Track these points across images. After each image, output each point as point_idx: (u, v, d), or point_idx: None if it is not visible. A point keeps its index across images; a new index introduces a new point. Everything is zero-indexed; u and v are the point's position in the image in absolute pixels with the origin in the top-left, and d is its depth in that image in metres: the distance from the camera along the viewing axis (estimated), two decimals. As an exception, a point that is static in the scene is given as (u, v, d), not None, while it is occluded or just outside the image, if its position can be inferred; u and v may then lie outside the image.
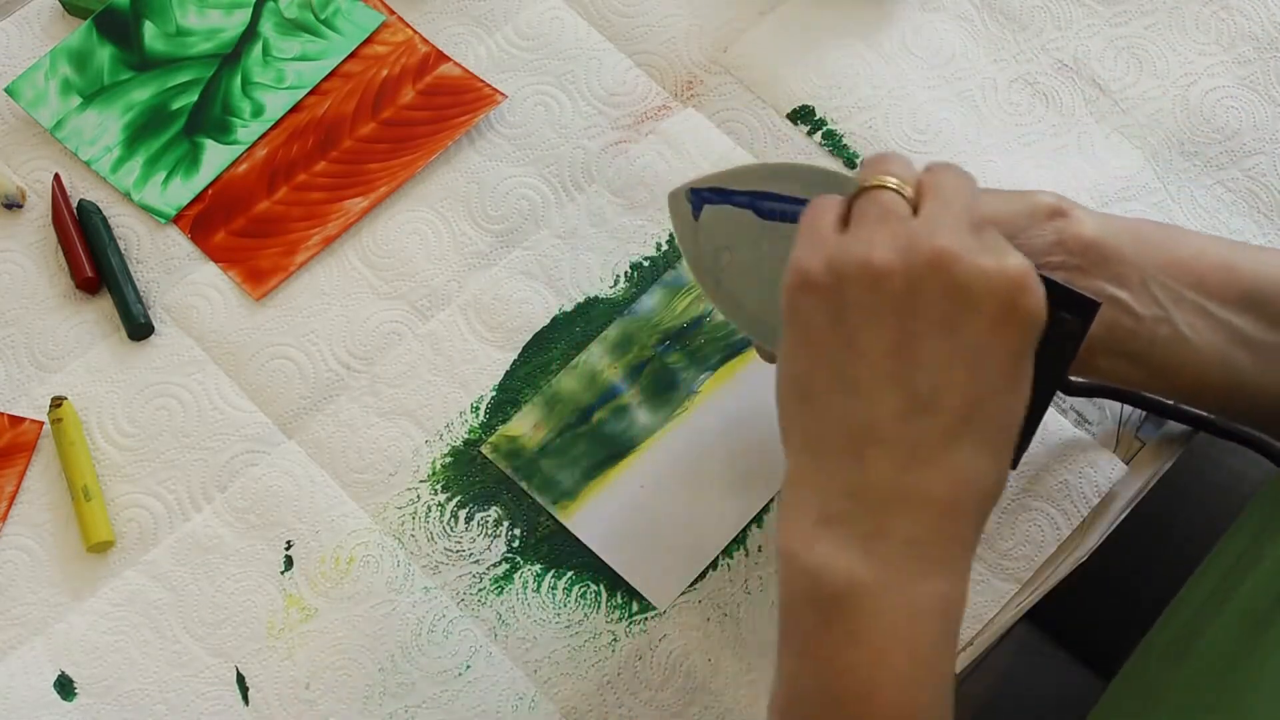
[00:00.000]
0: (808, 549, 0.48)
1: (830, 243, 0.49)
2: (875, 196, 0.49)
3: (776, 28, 0.78)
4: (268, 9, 0.78)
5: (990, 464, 0.48)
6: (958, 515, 0.48)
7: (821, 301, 0.48)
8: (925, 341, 0.47)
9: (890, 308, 0.47)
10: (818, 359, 0.49)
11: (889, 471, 0.47)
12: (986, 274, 0.46)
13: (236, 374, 0.70)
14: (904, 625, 0.47)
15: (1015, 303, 0.47)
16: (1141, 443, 0.68)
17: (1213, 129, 0.75)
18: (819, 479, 0.49)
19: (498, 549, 0.66)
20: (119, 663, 0.63)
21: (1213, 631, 0.48)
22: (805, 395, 0.49)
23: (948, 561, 0.48)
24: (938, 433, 0.47)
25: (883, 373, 0.47)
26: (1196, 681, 0.47)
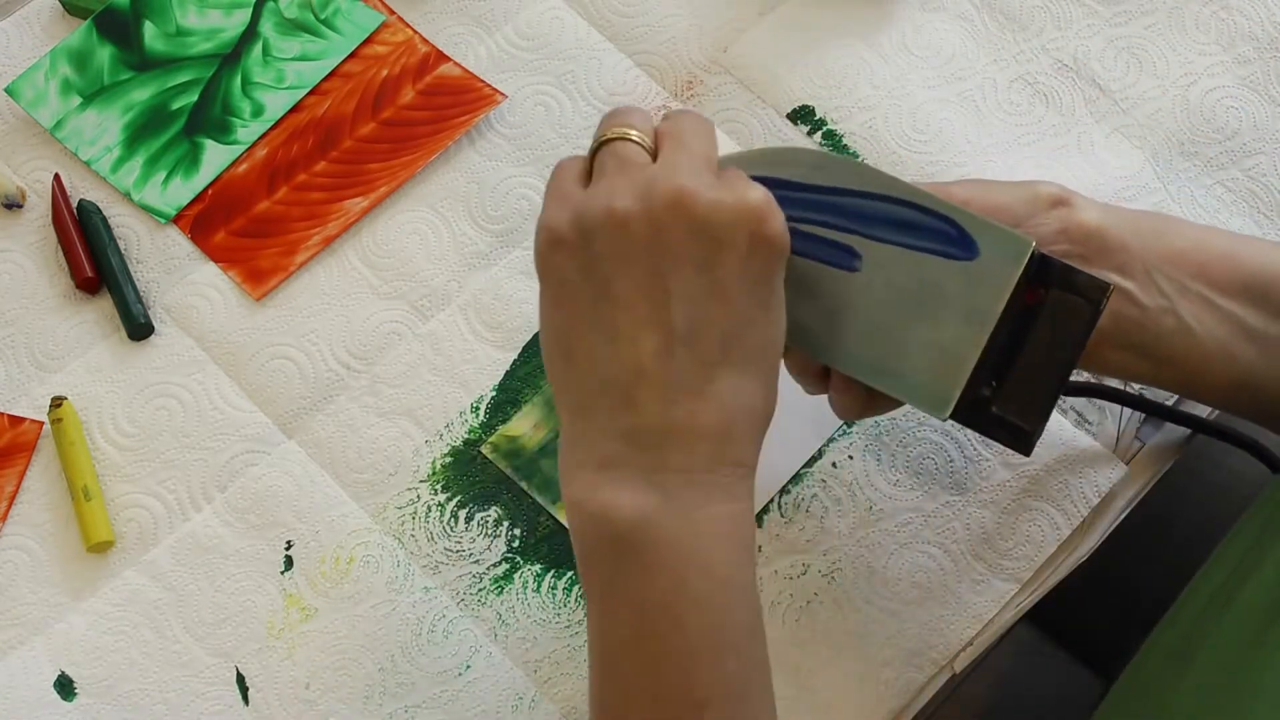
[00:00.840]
0: (591, 494, 0.49)
1: (574, 198, 0.50)
2: (614, 148, 0.51)
3: (776, 28, 0.78)
4: (268, 9, 0.78)
5: (755, 387, 0.50)
6: (730, 440, 0.49)
7: (571, 256, 0.49)
8: (676, 279, 0.48)
9: (638, 252, 0.48)
10: (575, 313, 0.50)
11: (658, 408, 0.49)
12: (726, 207, 0.48)
13: (236, 374, 0.70)
14: (695, 548, 0.48)
15: (758, 232, 0.48)
16: (1142, 443, 0.68)
17: (1213, 129, 0.75)
18: (593, 428, 0.50)
19: (498, 549, 0.66)
20: (119, 663, 0.63)
21: (1216, 635, 0.48)
22: (568, 350, 0.50)
23: (727, 484, 0.49)
24: (700, 365, 0.49)
25: (639, 316, 0.48)
26: (1201, 686, 0.47)
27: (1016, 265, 0.52)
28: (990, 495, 0.66)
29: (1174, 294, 0.56)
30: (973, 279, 0.52)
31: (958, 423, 0.54)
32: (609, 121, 0.52)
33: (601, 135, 0.52)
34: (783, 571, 0.65)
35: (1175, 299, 0.56)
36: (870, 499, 0.66)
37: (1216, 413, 0.68)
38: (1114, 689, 0.54)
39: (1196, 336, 0.56)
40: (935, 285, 0.52)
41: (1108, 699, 0.54)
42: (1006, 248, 0.52)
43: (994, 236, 0.52)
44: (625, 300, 0.49)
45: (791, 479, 0.66)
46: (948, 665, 0.63)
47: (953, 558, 0.65)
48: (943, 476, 0.67)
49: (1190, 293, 0.56)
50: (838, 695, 0.62)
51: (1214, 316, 0.56)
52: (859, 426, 0.67)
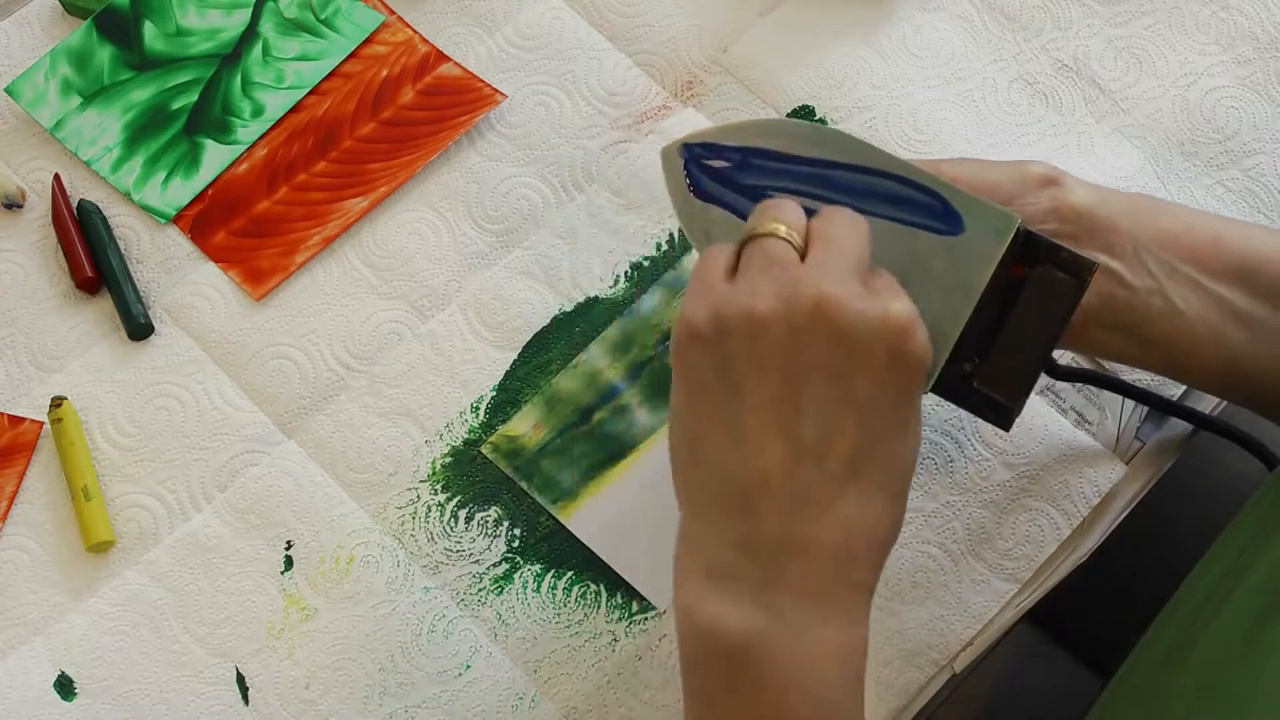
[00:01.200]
0: (700, 605, 0.48)
1: (716, 292, 0.49)
2: (762, 245, 0.49)
3: (776, 28, 0.78)
4: (268, 9, 0.78)
5: (883, 508, 0.48)
6: (851, 561, 0.48)
7: (707, 353, 0.48)
8: (810, 389, 0.47)
9: (774, 357, 0.47)
10: (705, 411, 0.49)
11: (778, 521, 0.47)
12: (869, 320, 0.47)
13: (236, 374, 0.70)
14: (802, 673, 0.47)
15: (900, 349, 0.47)
16: (1142, 443, 0.68)
17: (1213, 129, 0.75)
18: (709, 532, 0.49)
19: (498, 549, 0.66)
20: (119, 663, 0.63)
21: (1210, 636, 0.48)
22: (694, 447, 0.49)
23: (843, 607, 0.48)
24: (826, 480, 0.47)
25: (769, 422, 0.47)
26: (1195, 685, 0.47)
27: (1002, 241, 0.52)
28: (990, 495, 0.66)
29: (1163, 275, 0.56)
30: (958, 254, 0.52)
31: (939, 396, 0.54)
32: (761, 215, 0.51)
33: (752, 229, 0.50)
34: (783, 571, 0.65)
35: (1164, 280, 0.56)
36: (870, 499, 0.66)
37: (1219, 408, 0.68)
38: (1109, 687, 0.54)
39: (1185, 318, 0.56)
40: (921, 259, 0.52)
41: (1103, 697, 0.54)
42: (992, 223, 0.52)
43: (980, 212, 0.52)
44: (756, 405, 0.47)
45: (791, 479, 0.66)
46: (948, 665, 0.63)
47: (953, 558, 0.65)
48: (943, 476, 0.67)
49: (1179, 274, 0.56)
50: (838, 695, 0.62)
51: (1203, 298, 0.56)
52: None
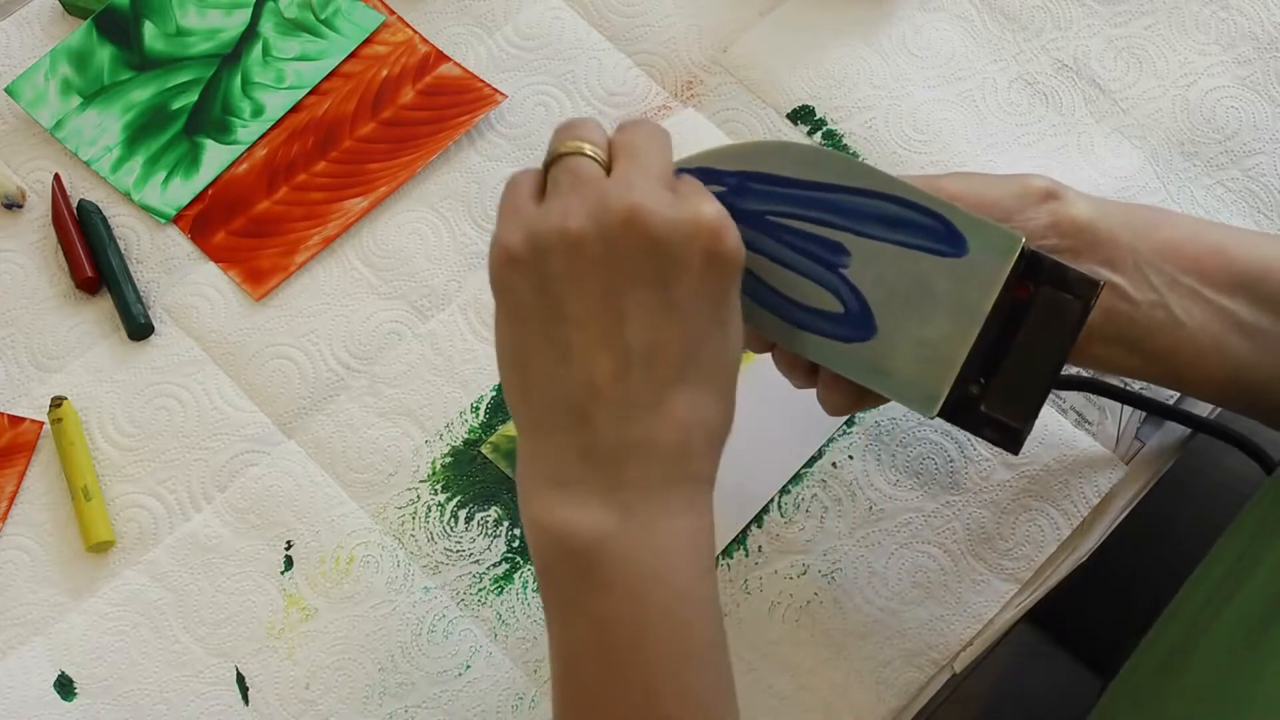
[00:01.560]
0: (549, 513, 0.49)
1: (528, 215, 0.49)
2: (567, 163, 0.50)
3: (776, 28, 0.78)
4: (268, 9, 0.78)
5: (713, 402, 0.50)
6: (688, 455, 0.49)
7: (525, 275, 0.49)
8: (631, 299, 0.48)
9: (592, 271, 0.48)
10: (530, 332, 0.49)
11: (614, 427, 0.48)
12: (680, 225, 0.48)
13: (236, 374, 0.70)
14: (655, 564, 0.48)
15: (713, 249, 0.48)
16: (1142, 443, 0.68)
17: (1213, 129, 0.75)
18: (550, 446, 0.50)
19: (498, 549, 0.66)
20: (119, 663, 0.63)
21: (1208, 641, 0.48)
22: (523, 368, 0.50)
23: (685, 498, 0.49)
24: (655, 383, 0.48)
25: (593, 335, 0.48)
26: (1193, 693, 0.47)
27: (1006, 261, 0.51)
28: (990, 495, 0.66)
29: (1165, 288, 0.55)
30: (962, 275, 0.52)
31: (946, 421, 0.54)
32: (562, 134, 0.51)
33: (555, 150, 0.51)
34: (783, 571, 0.65)
35: (1166, 293, 0.55)
36: (870, 499, 0.66)
37: (1216, 411, 0.68)
38: (1109, 690, 0.54)
39: (1187, 330, 0.56)
40: (924, 282, 0.52)
41: (1103, 700, 0.54)
42: (996, 244, 0.51)
43: (983, 232, 0.52)
44: (579, 320, 0.48)
45: (791, 479, 0.66)
46: (948, 665, 0.63)
47: (953, 558, 0.65)
48: (943, 476, 0.67)
49: (1181, 286, 0.56)
50: (838, 695, 0.62)
51: (1205, 310, 0.56)
52: (859, 426, 0.67)
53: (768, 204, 0.54)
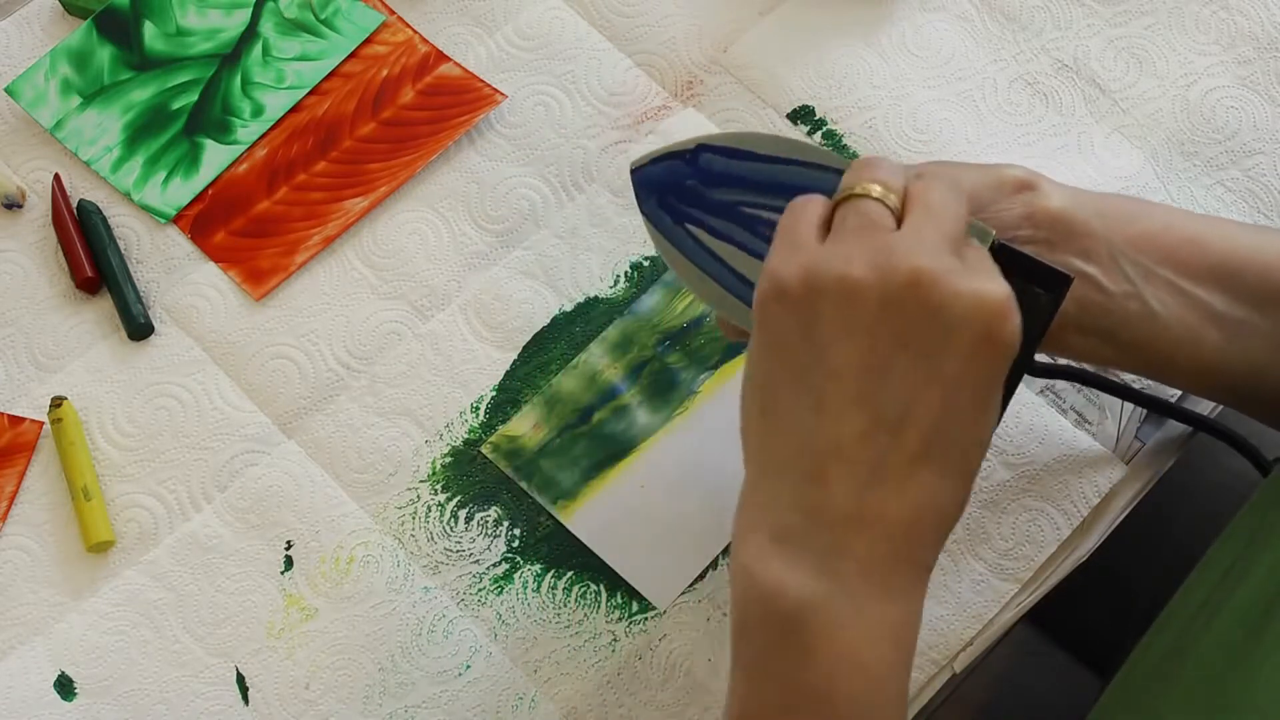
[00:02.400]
0: (763, 566, 0.47)
1: (808, 251, 0.47)
2: (858, 205, 0.48)
3: (776, 28, 0.78)
4: (268, 9, 0.78)
5: (952, 488, 0.47)
6: (916, 538, 0.47)
7: (794, 313, 0.47)
8: (897, 363, 0.46)
9: (864, 326, 0.46)
10: (785, 371, 0.48)
11: (849, 491, 0.46)
12: (964, 299, 0.45)
13: (236, 374, 0.70)
14: (858, 646, 0.46)
15: (992, 331, 0.46)
16: (1141, 443, 0.68)
17: (1213, 129, 0.75)
18: (777, 494, 0.48)
19: (498, 549, 0.66)
20: (119, 663, 0.63)
21: (1204, 644, 0.48)
22: (768, 407, 0.48)
23: (904, 584, 0.47)
24: (901, 455, 0.46)
25: (851, 391, 0.46)
26: (1189, 695, 0.47)
27: None
28: (990, 495, 0.66)
29: (1139, 279, 0.55)
30: None
31: None
32: (858, 173, 0.49)
33: (849, 188, 0.49)
34: (783, 571, 0.65)
35: (1141, 284, 0.55)
36: (870, 499, 0.66)
37: (1217, 410, 0.68)
38: (1105, 694, 0.54)
39: (1162, 321, 0.56)
40: None
41: (1099, 703, 0.54)
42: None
43: None
44: (839, 371, 0.46)
45: (791, 479, 0.66)
46: (948, 665, 0.63)
47: (953, 558, 0.65)
48: (943, 476, 0.66)
49: (1156, 277, 0.56)
50: (838, 695, 0.62)
51: (1180, 301, 0.56)
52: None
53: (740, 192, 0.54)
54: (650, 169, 0.57)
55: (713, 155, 0.54)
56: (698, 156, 0.54)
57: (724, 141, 0.54)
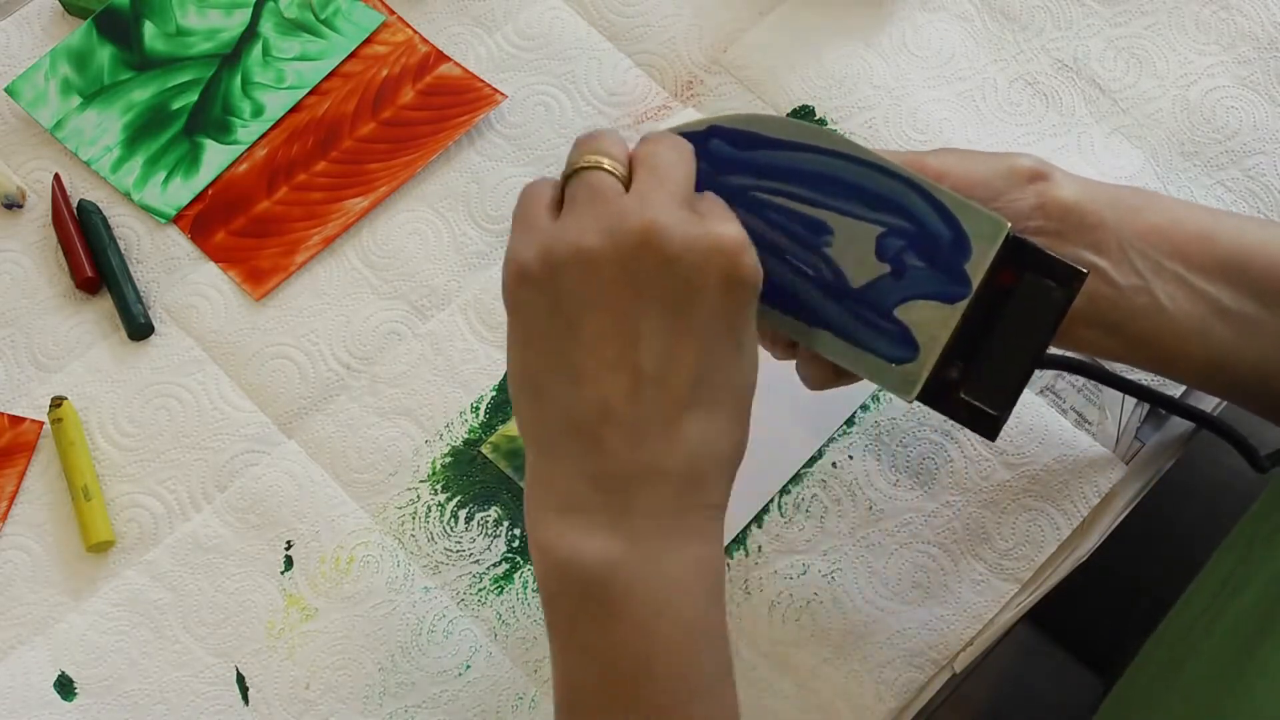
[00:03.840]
0: (557, 539, 0.48)
1: (543, 230, 0.48)
2: (585, 177, 0.49)
3: (776, 28, 0.78)
4: (268, 9, 0.78)
5: (726, 428, 0.49)
6: (699, 483, 0.48)
7: (539, 293, 0.48)
8: (645, 320, 0.47)
9: (607, 292, 0.47)
10: (542, 351, 0.48)
11: (624, 451, 0.47)
12: (697, 246, 0.47)
13: (236, 374, 0.70)
14: (663, 595, 0.47)
15: (731, 272, 0.47)
16: (1141, 443, 0.68)
17: (1213, 129, 0.75)
18: (558, 469, 0.49)
19: (498, 549, 0.66)
20: (119, 663, 0.63)
21: (1201, 657, 0.48)
22: (534, 388, 0.49)
23: (695, 527, 0.48)
24: (668, 407, 0.47)
25: (607, 357, 0.47)
26: (1186, 708, 0.47)
27: (991, 247, 0.51)
28: (990, 495, 0.66)
29: (1149, 272, 0.55)
30: None
31: (925, 404, 0.54)
32: (581, 147, 0.50)
33: (574, 163, 0.50)
34: (783, 571, 0.65)
35: (1150, 278, 0.55)
36: (870, 499, 0.66)
37: (1220, 407, 0.68)
38: (1106, 702, 0.54)
39: (1170, 315, 0.56)
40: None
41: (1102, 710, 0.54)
42: (981, 229, 0.51)
43: (970, 216, 0.51)
44: (592, 341, 0.47)
45: (791, 479, 0.66)
46: (948, 665, 0.63)
47: (953, 558, 0.65)
48: (943, 476, 0.67)
49: (1166, 271, 0.56)
50: (838, 695, 0.62)
51: (1189, 295, 0.56)
52: (859, 426, 0.67)
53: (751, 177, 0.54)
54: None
55: (723, 139, 0.54)
56: (709, 140, 0.54)
57: (738, 124, 0.54)
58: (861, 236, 0.52)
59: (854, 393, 0.62)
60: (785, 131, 0.53)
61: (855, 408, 0.68)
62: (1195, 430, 0.68)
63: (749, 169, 0.53)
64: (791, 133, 0.53)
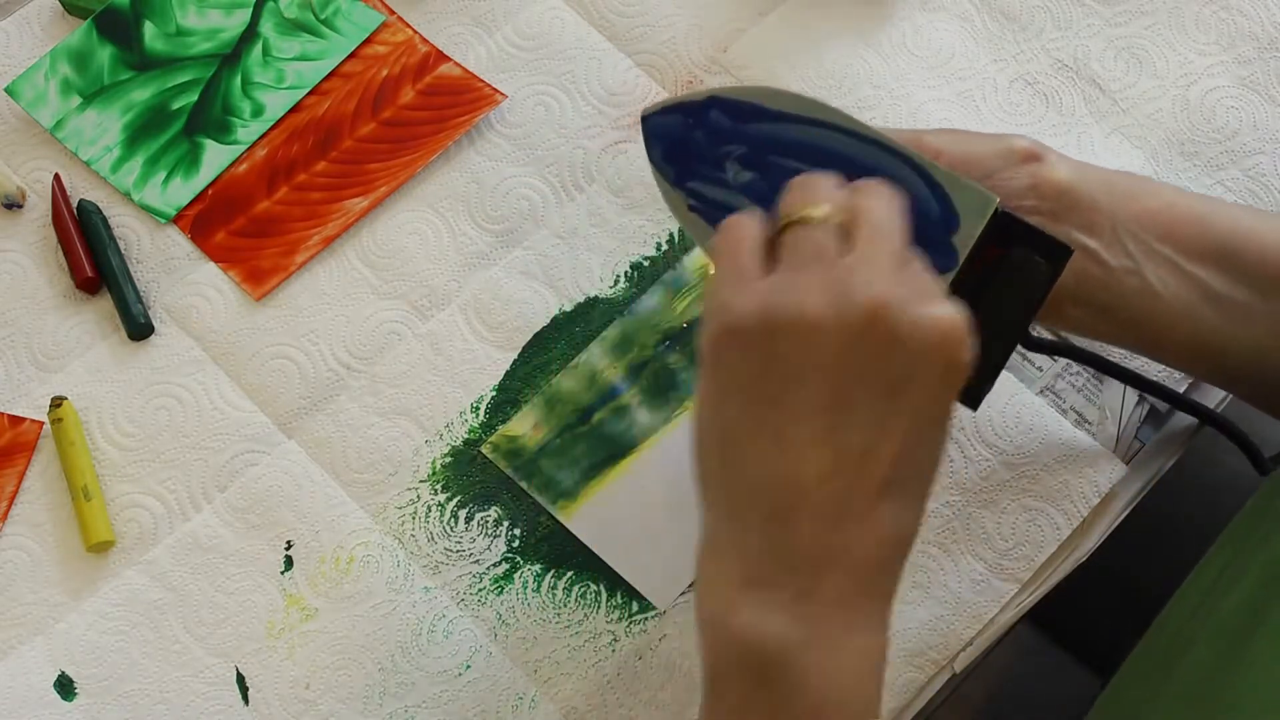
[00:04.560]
0: (733, 614, 0.46)
1: (758, 286, 0.46)
2: (807, 234, 0.47)
3: (776, 28, 0.78)
4: (268, 9, 0.78)
5: (913, 516, 0.47)
6: (882, 570, 0.46)
7: (751, 351, 0.45)
8: (860, 400, 0.45)
9: (825, 364, 0.45)
10: (743, 412, 0.46)
11: (815, 532, 0.45)
12: (923, 330, 0.44)
13: (236, 374, 0.70)
14: (837, 685, 0.46)
15: (952, 360, 0.45)
16: (1141, 443, 0.68)
17: (1213, 129, 0.75)
18: (741, 540, 0.47)
19: (498, 549, 0.66)
20: (119, 663, 0.63)
21: (1195, 650, 0.48)
22: (727, 450, 0.47)
23: (871, 616, 0.47)
24: (866, 491, 0.45)
25: (814, 431, 0.45)
26: (1179, 700, 0.47)
27: (979, 221, 0.51)
28: (990, 495, 0.66)
29: (1140, 255, 0.55)
30: None
31: None
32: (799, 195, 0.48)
33: (792, 213, 0.47)
34: (783, 571, 0.65)
35: (1141, 260, 0.55)
36: (870, 499, 0.66)
37: (1224, 404, 0.68)
38: (1101, 697, 0.54)
39: (1160, 298, 0.56)
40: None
41: (1096, 706, 0.54)
42: (971, 203, 0.51)
43: (959, 190, 0.52)
44: (802, 412, 0.45)
45: (791, 479, 0.66)
46: (948, 665, 0.63)
47: (953, 558, 0.65)
48: (943, 476, 0.67)
49: (1157, 254, 0.56)
50: (838, 695, 0.62)
51: (1179, 279, 0.56)
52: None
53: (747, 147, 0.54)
54: (659, 118, 0.57)
55: (722, 110, 0.54)
56: (708, 110, 0.54)
57: (738, 95, 0.54)
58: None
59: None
60: (784, 104, 0.53)
61: (855, 408, 0.68)
62: (1196, 430, 0.68)
63: (746, 140, 0.54)
64: (790, 105, 0.53)
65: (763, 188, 0.53)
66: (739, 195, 0.54)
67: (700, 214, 0.55)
